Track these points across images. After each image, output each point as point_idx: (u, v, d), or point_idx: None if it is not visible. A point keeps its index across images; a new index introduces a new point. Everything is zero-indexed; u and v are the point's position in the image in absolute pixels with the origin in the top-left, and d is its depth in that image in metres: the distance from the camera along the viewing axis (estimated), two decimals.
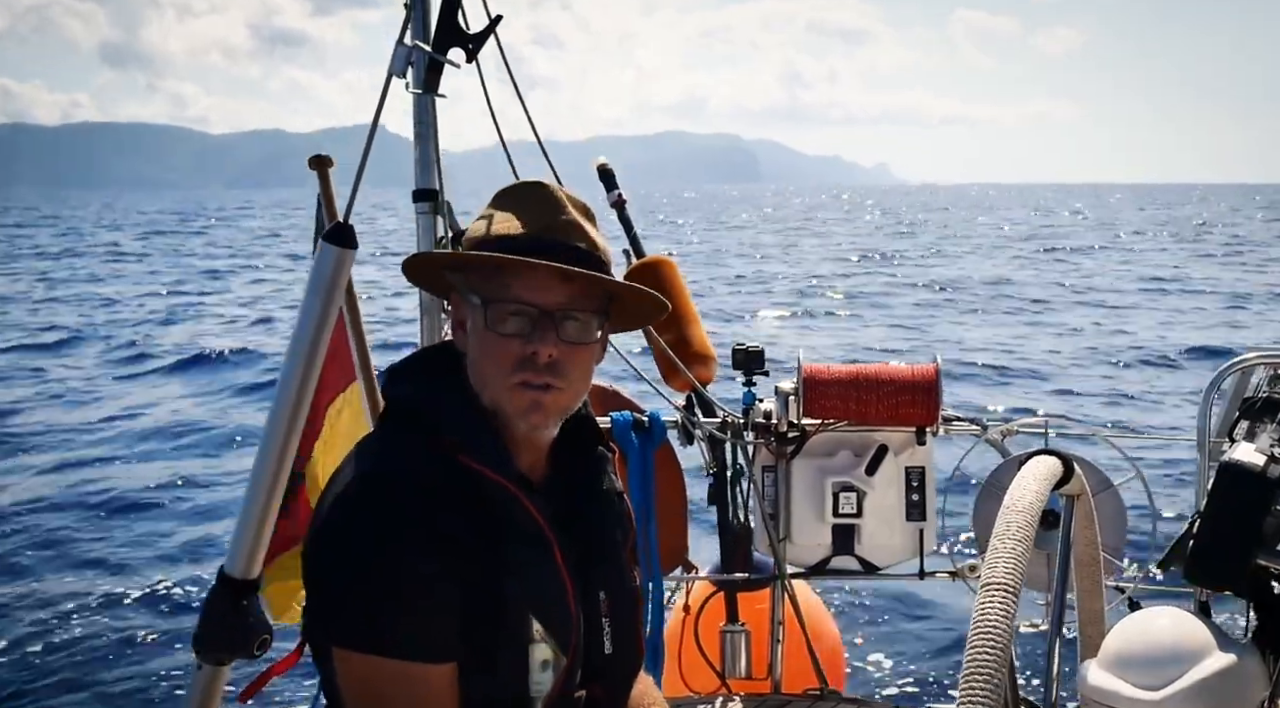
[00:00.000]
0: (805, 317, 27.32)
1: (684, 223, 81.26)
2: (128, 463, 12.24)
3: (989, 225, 78.24)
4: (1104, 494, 3.62)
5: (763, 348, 3.81)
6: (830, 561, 3.81)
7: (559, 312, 1.76)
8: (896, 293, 32.33)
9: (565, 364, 1.77)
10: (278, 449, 2.46)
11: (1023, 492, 1.83)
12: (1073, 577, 2.63)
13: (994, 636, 1.48)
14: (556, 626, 1.79)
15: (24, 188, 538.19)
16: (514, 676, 1.75)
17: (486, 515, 1.73)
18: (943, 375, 3.67)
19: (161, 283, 35.15)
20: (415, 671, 1.68)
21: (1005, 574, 1.58)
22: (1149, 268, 40.33)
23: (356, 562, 1.68)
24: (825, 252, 52.11)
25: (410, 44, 2.63)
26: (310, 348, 2.45)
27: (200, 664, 2.49)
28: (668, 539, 3.66)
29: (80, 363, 19.97)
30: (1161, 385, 17.34)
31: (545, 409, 1.79)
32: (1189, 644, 2.45)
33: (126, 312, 28.05)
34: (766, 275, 37.81)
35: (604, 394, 3.76)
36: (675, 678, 3.78)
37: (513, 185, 1.90)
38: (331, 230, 2.46)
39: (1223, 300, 29.47)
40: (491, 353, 1.77)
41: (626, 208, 3.95)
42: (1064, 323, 25.35)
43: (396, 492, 1.70)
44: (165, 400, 16.13)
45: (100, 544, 9.38)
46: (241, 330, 24.28)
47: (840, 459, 3.77)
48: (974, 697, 1.40)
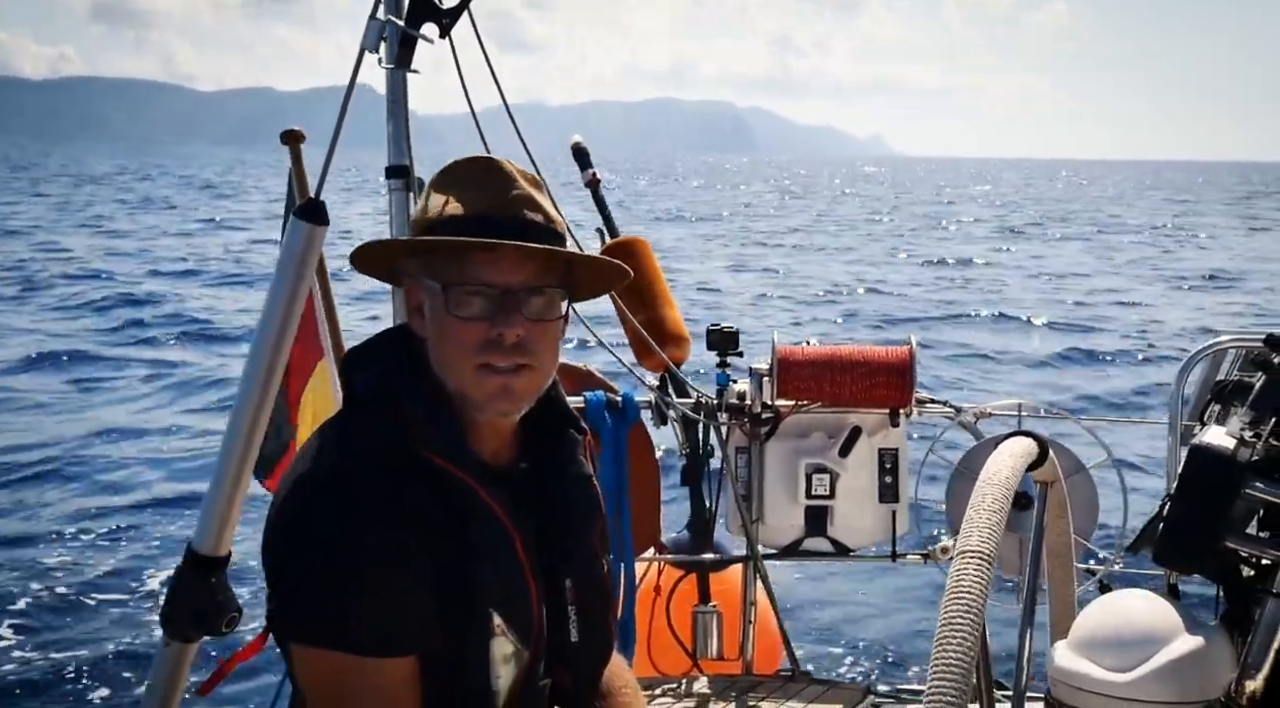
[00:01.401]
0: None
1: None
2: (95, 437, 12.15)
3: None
4: (1076, 477, 3.63)
5: (737, 329, 3.80)
6: (803, 542, 3.81)
7: (523, 290, 1.72)
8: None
9: (533, 342, 1.73)
10: (247, 424, 2.43)
11: (998, 467, 1.84)
12: (1044, 563, 2.64)
13: (969, 599, 1.48)
14: (518, 621, 1.77)
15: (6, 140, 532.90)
16: (476, 670, 1.73)
17: (446, 510, 1.70)
18: (924, 357, 3.68)
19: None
20: (375, 667, 1.65)
21: (980, 542, 1.59)
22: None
23: (313, 555, 1.65)
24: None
25: (383, 18, 2.60)
26: (280, 325, 2.43)
27: (167, 642, 2.47)
28: (641, 520, 3.65)
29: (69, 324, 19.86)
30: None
31: (515, 394, 1.75)
32: (1158, 626, 2.47)
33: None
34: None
35: (577, 374, 3.74)
36: (644, 659, 3.77)
37: (456, 162, 1.82)
38: (303, 206, 2.43)
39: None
40: (454, 337, 1.72)
41: (600, 187, 3.94)
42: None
43: (356, 487, 1.66)
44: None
45: (65, 518, 9.29)
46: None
47: (814, 441, 3.77)
48: (948, 659, 1.40)
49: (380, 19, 2.59)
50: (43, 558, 8.31)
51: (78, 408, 13.62)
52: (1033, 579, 2.55)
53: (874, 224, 54.90)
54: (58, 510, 9.55)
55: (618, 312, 3.54)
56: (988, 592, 1.52)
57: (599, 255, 1.84)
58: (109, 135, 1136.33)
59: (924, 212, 66.79)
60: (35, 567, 8.12)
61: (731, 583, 3.92)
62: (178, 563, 2.43)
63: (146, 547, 8.67)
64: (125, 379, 15.56)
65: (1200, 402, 3.54)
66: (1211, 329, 16.55)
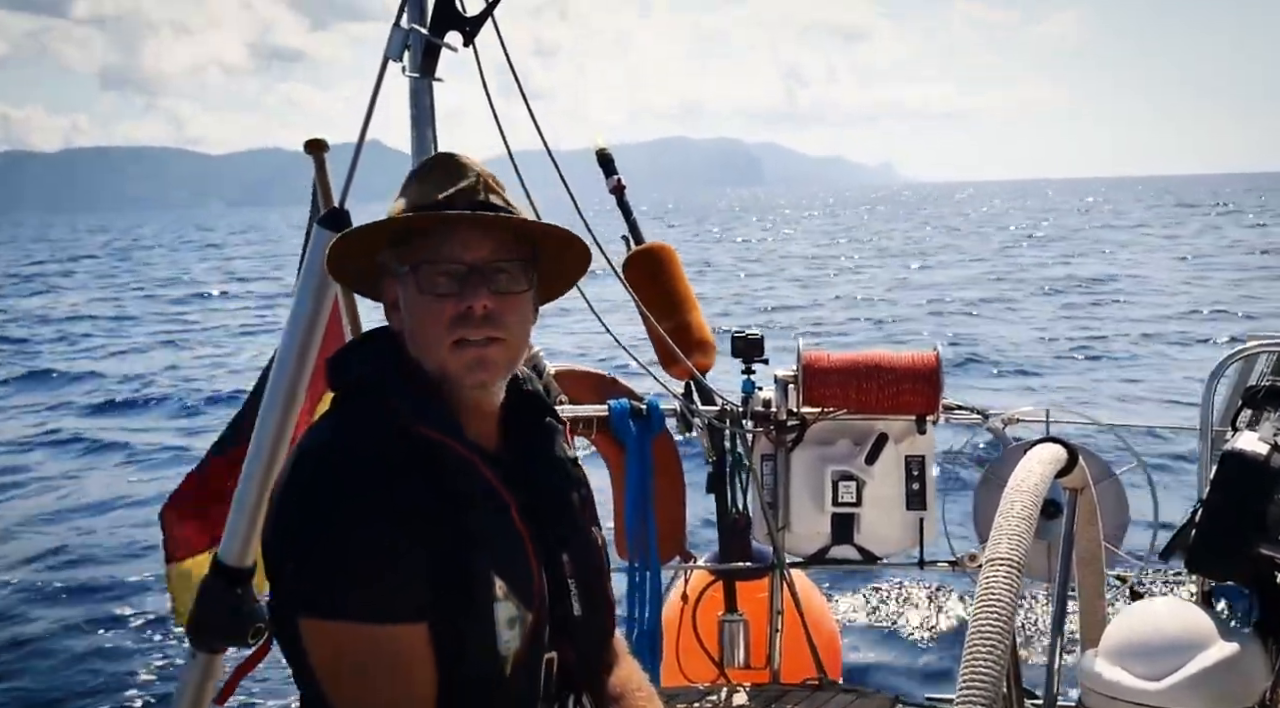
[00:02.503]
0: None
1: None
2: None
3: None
4: (1105, 483, 3.60)
5: (762, 335, 3.79)
6: (830, 550, 3.79)
7: (487, 266, 1.79)
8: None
9: (501, 314, 1.79)
10: (273, 435, 2.44)
11: (1027, 473, 1.82)
12: (1074, 572, 2.61)
13: (999, 608, 1.47)
14: (519, 583, 1.78)
15: (26, 214, 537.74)
16: (482, 634, 1.74)
17: (444, 482, 1.73)
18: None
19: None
20: (387, 633, 1.66)
21: (1010, 550, 1.58)
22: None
23: (317, 529, 1.67)
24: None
25: (407, 27, 2.60)
26: (305, 334, 2.43)
27: (194, 653, 2.48)
28: (666, 528, 3.64)
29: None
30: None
31: (489, 364, 1.80)
32: (1191, 634, 2.44)
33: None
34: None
35: (600, 382, 3.74)
36: (674, 667, 3.76)
37: (423, 160, 1.94)
38: (326, 215, 2.44)
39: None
40: (427, 316, 1.79)
41: (625, 193, 3.93)
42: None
43: (354, 460, 1.70)
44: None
45: (91, 534, 9.33)
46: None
47: (840, 448, 3.75)
48: (977, 667, 1.39)
49: (404, 27, 2.59)
50: (65, 570, 8.34)
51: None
52: (1063, 587, 2.53)
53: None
54: (80, 523, 9.60)
55: (643, 319, 3.53)
56: (1018, 599, 1.52)
57: (551, 224, 1.89)
58: (122, 203, 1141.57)
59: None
60: (58, 580, 8.16)
61: (759, 591, 3.90)
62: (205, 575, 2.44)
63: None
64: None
65: (1231, 407, 3.50)
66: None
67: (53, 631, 7.37)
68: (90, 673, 6.75)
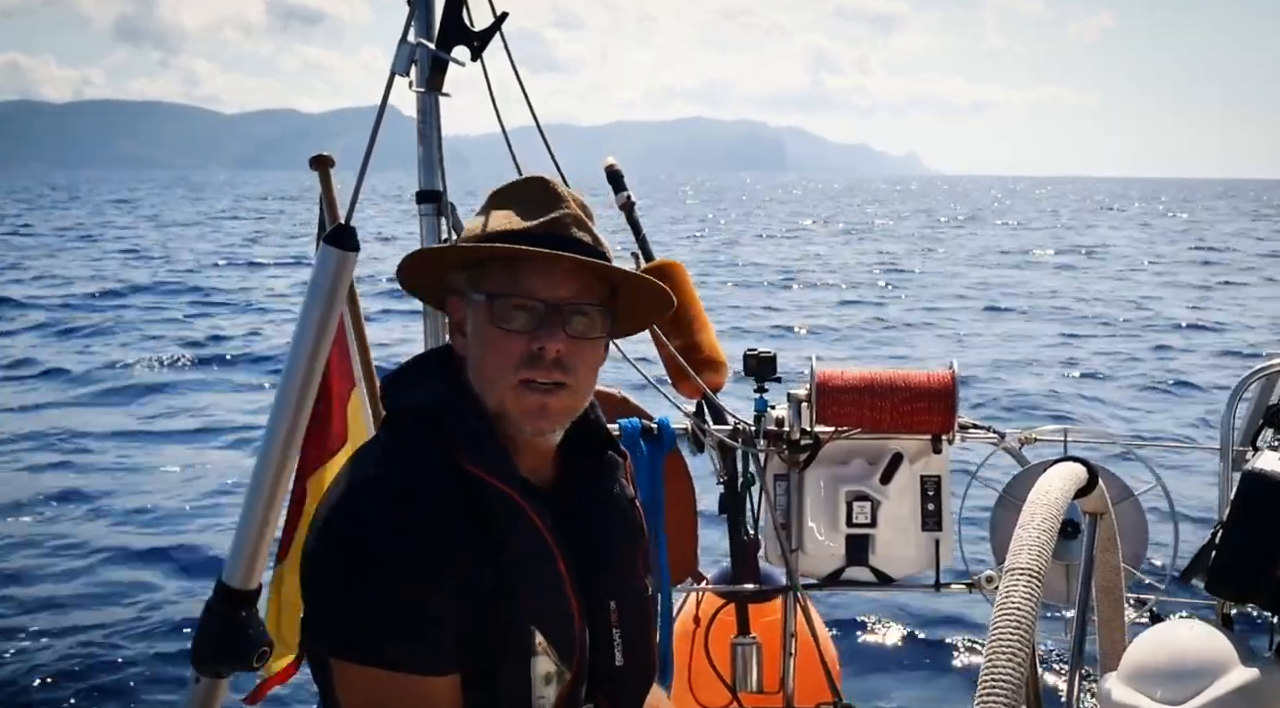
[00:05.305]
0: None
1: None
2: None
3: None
4: (1125, 504, 3.55)
5: (775, 353, 3.75)
6: (844, 571, 3.74)
7: (566, 306, 1.73)
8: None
9: (572, 360, 1.74)
10: (277, 456, 2.41)
11: (1047, 489, 1.81)
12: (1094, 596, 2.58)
13: (1019, 616, 1.46)
14: (560, 640, 1.75)
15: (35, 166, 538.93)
16: (517, 689, 1.71)
17: (490, 525, 1.69)
18: (961, 382, 3.61)
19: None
20: (419, 684, 1.64)
21: (1030, 560, 1.57)
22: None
23: (357, 571, 1.64)
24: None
25: (414, 42, 2.58)
26: (311, 353, 2.41)
27: (197, 677, 2.44)
28: (677, 549, 3.60)
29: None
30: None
31: (551, 414, 1.75)
32: (1212, 658, 2.40)
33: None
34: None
35: (611, 401, 3.70)
36: (684, 691, 3.71)
37: (512, 182, 1.86)
38: (332, 232, 2.42)
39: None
40: (496, 350, 1.73)
41: (635, 210, 3.90)
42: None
43: (400, 499, 1.66)
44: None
45: (94, 550, 9.29)
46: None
47: (854, 468, 3.71)
48: (997, 674, 1.36)
49: (411, 42, 2.58)
50: (67, 591, 8.31)
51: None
52: (1082, 611, 2.49)
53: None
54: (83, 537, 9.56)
55: (653, 337, 3.50)
56: (1038, 609, 1.50)
57: (647, 275, 1.84)
58: (125, 160, 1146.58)
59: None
60: (61, 600, 8.13)
61: (771, 614, 3.85)
62: (207, 597, 2.41)
63: (178, 583, 8.62)
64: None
65: (1252, 426, 3.46)
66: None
67: (52, 641, 7.33)
68: (94, 693, 6.70)
